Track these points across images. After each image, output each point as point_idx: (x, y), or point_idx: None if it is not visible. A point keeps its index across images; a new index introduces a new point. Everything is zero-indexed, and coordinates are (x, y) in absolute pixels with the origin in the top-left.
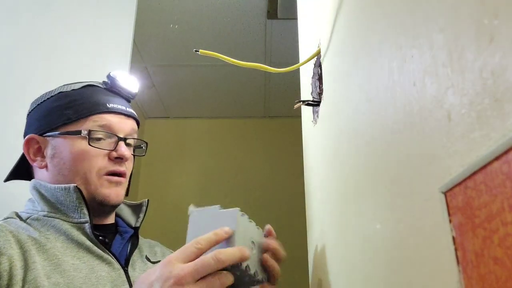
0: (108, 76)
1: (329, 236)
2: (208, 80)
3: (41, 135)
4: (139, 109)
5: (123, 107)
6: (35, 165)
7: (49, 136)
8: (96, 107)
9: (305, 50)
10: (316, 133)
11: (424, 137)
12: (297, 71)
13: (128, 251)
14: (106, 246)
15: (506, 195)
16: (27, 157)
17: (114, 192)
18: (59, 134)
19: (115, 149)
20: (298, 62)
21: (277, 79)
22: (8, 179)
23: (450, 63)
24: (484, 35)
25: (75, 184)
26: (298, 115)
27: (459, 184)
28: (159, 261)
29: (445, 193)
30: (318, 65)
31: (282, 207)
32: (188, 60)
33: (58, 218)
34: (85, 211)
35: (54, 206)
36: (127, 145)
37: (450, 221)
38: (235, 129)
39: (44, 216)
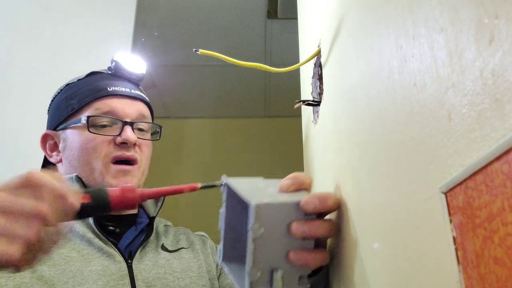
0: (112, 60)
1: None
2: (208, 80)
3: (54, 129)
4: None
5: (127, 89)
6: (52, 160)
7: (60, 129)
8: (96, 93)
9: (305, 50)
10: (316, 133)
11: (424, 137)
12: (297, 71)
13: (140, 242)
14: (116, 237)
15: (506, 195)
16: (45, 153)
17: (123, 182)
18: (66, 126)
19: (119, 134)
20: (298, 62)
21: (277, 79)
22: None
23: (450, 63)
24: (484, 35)
25: (76, 174)
26: (298, 115)
27: (460, 184)
28: (180, 248)
29: (445, 193)
30: (318, 65)
31: None
32: (188, 60)
33: None
34: None
35: None
36: (139, 130)
37: (450, 221)
38: (236, 129)
39: None
